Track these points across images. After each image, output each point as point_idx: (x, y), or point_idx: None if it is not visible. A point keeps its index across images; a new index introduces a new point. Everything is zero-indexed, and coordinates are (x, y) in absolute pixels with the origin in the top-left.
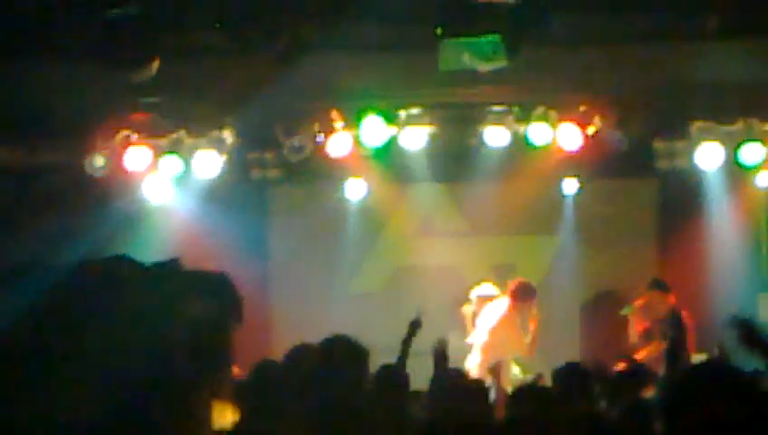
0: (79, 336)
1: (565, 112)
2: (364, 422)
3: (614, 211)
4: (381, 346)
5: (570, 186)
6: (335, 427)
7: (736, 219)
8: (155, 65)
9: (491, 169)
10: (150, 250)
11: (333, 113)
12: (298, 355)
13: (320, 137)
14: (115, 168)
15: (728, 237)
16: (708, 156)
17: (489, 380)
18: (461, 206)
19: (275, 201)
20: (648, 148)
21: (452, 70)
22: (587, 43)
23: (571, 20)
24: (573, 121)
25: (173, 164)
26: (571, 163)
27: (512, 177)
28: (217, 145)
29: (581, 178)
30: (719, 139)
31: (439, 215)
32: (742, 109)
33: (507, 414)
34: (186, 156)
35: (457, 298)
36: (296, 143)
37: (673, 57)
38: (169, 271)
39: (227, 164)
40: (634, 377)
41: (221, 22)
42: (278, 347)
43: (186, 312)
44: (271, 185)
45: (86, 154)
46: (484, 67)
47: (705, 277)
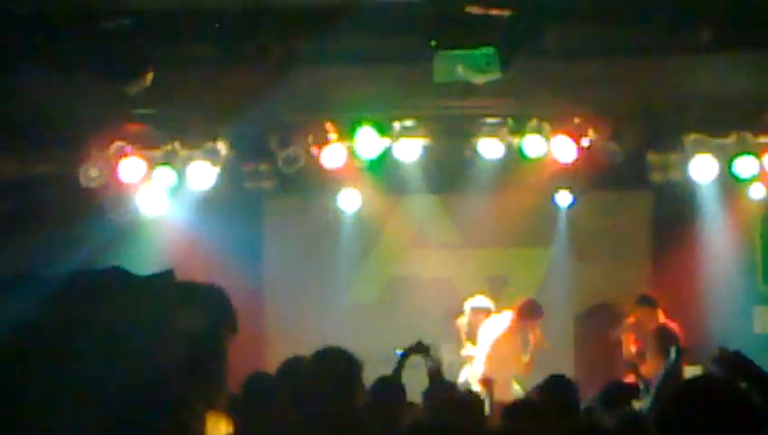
0: (72, 347)
1: (559, 124)
2: (359, 434)
3: (608, 223)
4: (375, 357)
5: (564, 198)
6: None
7: (730, 232)
8: (149, 77)
9: (485, 181)
10: (144, 262)
11: (327, 125)
12: (291, 367)
13: (314, 148)
14: (109, 179)
15: (722, 250)
16: (702, 169)
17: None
18: (455, 217)
19: (269, 213)
20: (642, 160)
21: (446, 82)
22: (581, 56)
23: (565, 32)
24: (567, 134)
25: (167, 175)
26: (565, 175)
27: (506, 189)
28: (211, 156)
29: (575, 190)
30: (713, 151)
31: (433, 226)
32: (735, 122)
33: (501, 428)
34: (180, 167)
35: (451, 310)
36: (290, 154)
37: (667, 70)
38: (163, 283)
39: (221, 175)
40: (624, 389)
41: (215, 33)
42: (272, 359)
43: (180, 323)
44: (265, 196)
45: (80, 165)
46: (478, 79)
47: (699, 290)
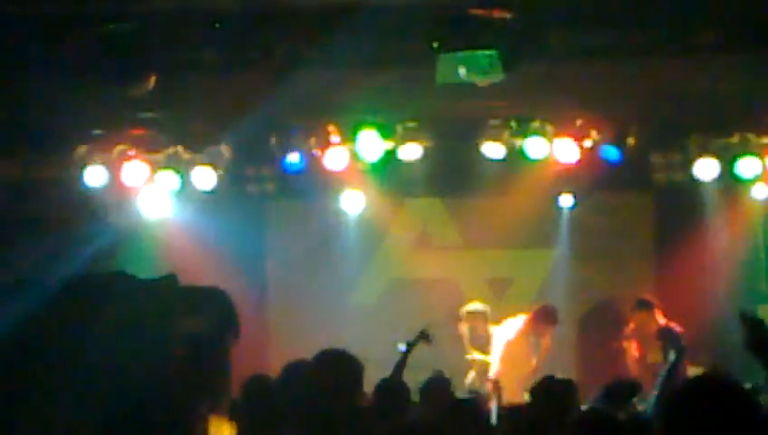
0: (75, 351)
1: (562, 126)
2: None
3: (611, 224)
4: (378, 359)
5: (566, 199)
6: None
7: (733, 232)
8: (152, 80)
9: (488, 183)
10: (147, 265)
11: (330, 128)
12: (293, 370)
13: (316, 151)
14: (112, 182)
15: (725, 250)
16: (705, 169)
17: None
18: (458, 219)
19: (272, 215)
20: (645, 161)
21: (448, 84)
22: (584, 58)
23: (568, 34)
24: (570, 135)
25: (170, 179)
26: (568, 177)
27: (508, 190)
28: (214, 160)
29: (577, 192)
30: (716, 152)
31: (436, 228)
32: (738, 122)
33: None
34: (182, 171)
35: (454, 311)
36: (293, 157)
37: (669, 71)
38: (166, 287)
39: (224, 179)
40: (626, 387)
41: (218, 37)
42: (275, 361)
43: (183, 327)
44: (268, 199)
45: (83, 169)
46: (480, 81)
47: (702, 290)
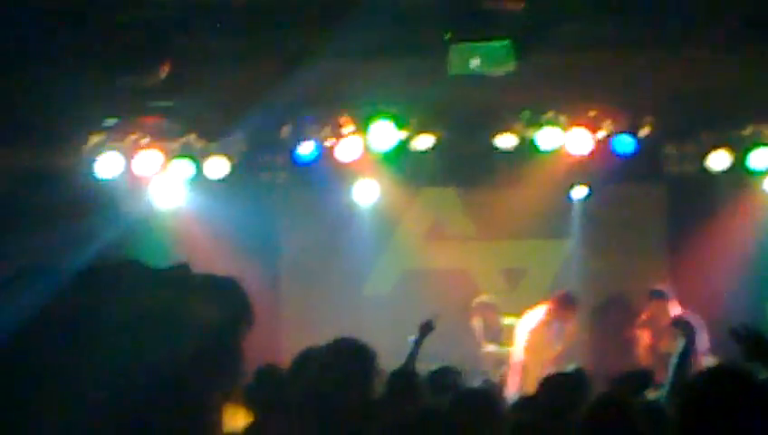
0: (86, 341)
1: (575, 117)
2: (376, 423)
3: (623, 216)
4: (391, 349)
5: (579, 191)
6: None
7: (745, 224)
8: (165, 70)
9: (501, 174)
10: (160, 254)
11: (343, 117)
12: (305, 359)
13: (329, 141)
14: (125, 171)
15: (737, 242)
16: (718, 161)
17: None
18: (471, 210)
19: (285, 205)
20: (658, 153)
21: (461, 74)
22: (597, 48)
23: (581, 25)
24: (583, 126)
25: (183, 168)
26: (581, 168)
27: (521, 181)
28: (227, 149)
29: (590, 184)
30: (728, 144)
31: (449, 219)
32: (751, 114)
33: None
34: (196, 159)
35: (466, 302)
36: (306, 147)
37: (683, 62)
38: (179, 276)
39: (237, 168)
40: (638, 377)
41: (231, 26)
42: (288, 351)
43: (195, 316)
44: (281, 189)
45: (96, 158)
46: (493, 71)
47: (714, 282)
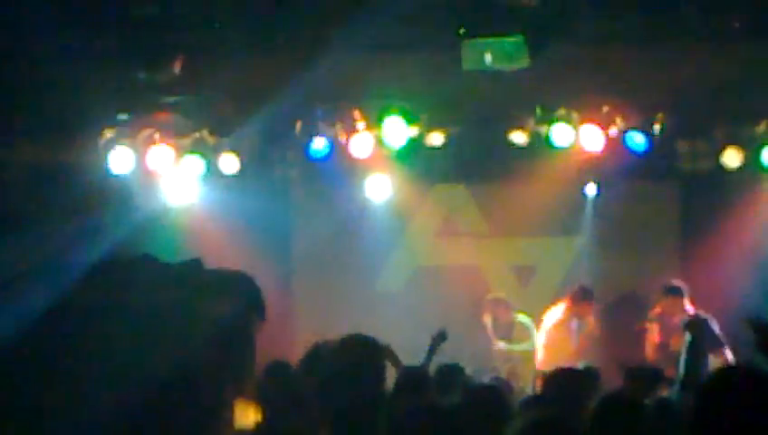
0: (102, 335)
1: (587, 114)
2: (386, 420)
3: (636, 213)
4: (402, 346)
5: (591, 187)
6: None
7: (759, 221)
8: (178, 65)
9: (513, 171)
10: (172, 250)
11: (355, 113)
12: (316, 354)
13: (342, 136)
14: (138, 167)
15: (751, 239)
16: (731, 158)
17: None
18: (482, 206)
19: (298, 201)
20: (671, 150)
21: (474, 70)
22: (609, 44)
23: (594, 20)
24: (595, 123)
25: (195, 163)
26: (593, 165)
27: (533, 178)
28: (240, 144)
29: (603, 180)
30: (742, 141)
31: (461, 215)
32: (765, 111)
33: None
34: (208, 155)
35: (478, 298)
36: (318, 143)
37: (697, 58)
38: (192, 271)
39: (249, 163)
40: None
41: (244, 21)
42: (300, 346)
43: (208, 311)
44: (293, 184)
45: (109, 153)
46: (506, 67)
47: (727, 280)
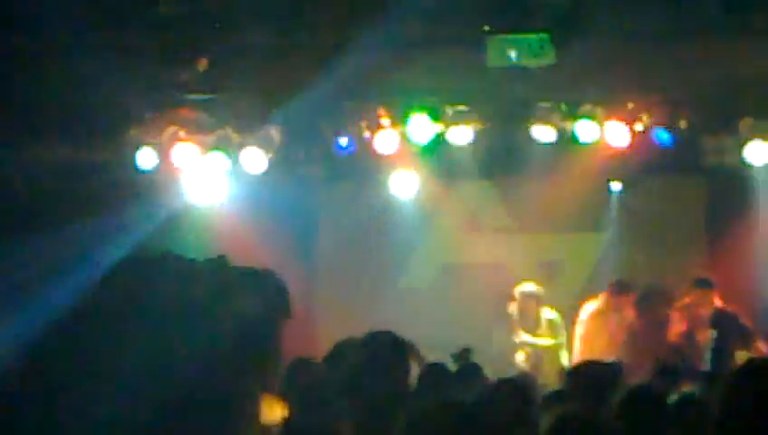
0: (126, 332)
1: (612, 109)
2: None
3: (661, 208)
4: (426, 343)
5: (617, 183)
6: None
7: None
8: (203, 63)
9: (538, 166)
10: (198, 247)
11: (380, 110)
12: (340, 351)
13: (367, 134)
14: (163, 164)
15: None
16: (757, 153)
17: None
18: (508, 203)
19: (322, 198)
20: (697, 145)
21: (499, 66)
22: (635, 40)
23: (620, 16)
24: (621, 119)
25: (220, 161)
26: (619, 160)
27: (559, 174)
28: (264, 142)
29: (628, 176)
30: (767, 135)
31: (486, 212)
32: None
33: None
34: (233, 153)
35: (503, 295)
36: (343, 140)
37: (722, 53)
38: (218, 268)
39: (274, 161)
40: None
41: (269, 20)
42: (324, 343)
43: (234, 308)
44: (318, 182)
45: (134, 151)
46: (531, 63)
47: (753, 275)
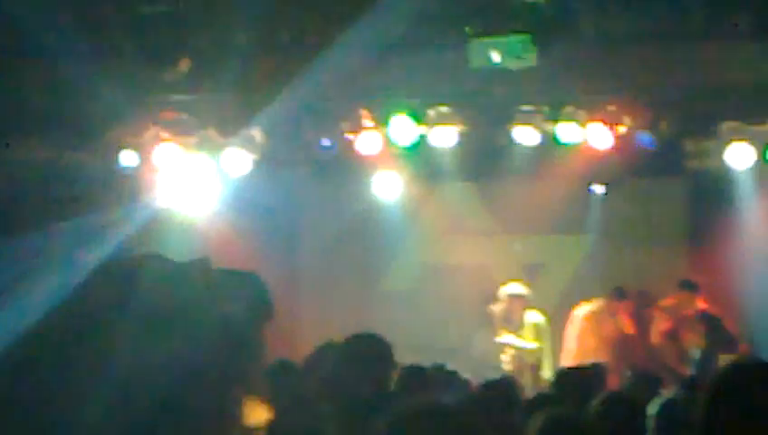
0: (107, 335)
1: (595, 112)
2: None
3: (643, 211)
4: (410, 344)
5: (599, 186)
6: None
7: (766, 219)
8: (185, 63)
9: (520, 168)
10: (180, 248)
11: (363, 112)
12: (321, 354)
13: (349, 135)
14: (145, 165)
15: (758, 237)
16: (738, 156)
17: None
18: (490, 205)
19: (304, 199)
20: (678, 147)
21: (481, 68)
22: (617, 43)
23: (602, 19)
24: (603, 121)
25: (203, 162)
26: (601, 163)
27: (541, 176)
28: (247, 143)
29: (610, 178)
30: (749, 138)
31: (469, 213)
32: None
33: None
34: (215, 154)
35: (486, 297)
36: (326, 141)
37: (703, 57)
38: (198, 270)
39: (256, 162)
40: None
41: (251, 21)
42: (306, 345)
43: (216, 310)
44: (301, 183)
45: (116, 152)
46: (513, 65)
47: (735, 277)
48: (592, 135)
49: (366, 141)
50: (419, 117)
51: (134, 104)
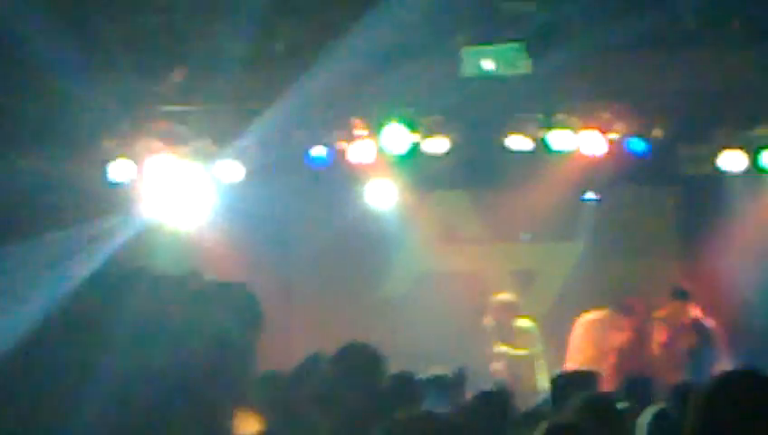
0: (99, 345)
1: (588, 119)
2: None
3: (637, 217)
4: (403, 353)
5: (591, 192)
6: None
7: (760, 225)
8: (179, 74)
9: (513, 176)
10: (171, 260)
11: (356, 121)
12: (311, 363)
13: (342, 144)
14: (138, 176)
15: (751, 243)
16: (731, 162)
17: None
18: (483, 212)
19: (299, 209)
20: (672, 154)
21: (475, 76)
22: (609, 50)
23: (594, 26)
24: (596, 128)
25: (196, 172)
26: (594, 170)
27: (534, 183)
28: (240, 153)
29: (603, 185)
30: (742, 144)
31: (462, 221)
32: (764, 114)
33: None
34: (209, 164)
35: (479, 304)
36: (319, 151)
37: (696, 63)
38: (191, 282)
39: (249, 172)
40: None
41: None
42: (299, 355)
43: (207, 322)
44: (294, 192)
45: (109, 163)
46: (507, 73)
47: (728, 284)
48: (585, 142)
49: (359, 150)
50: (412, 125)
51: (127, 115)
